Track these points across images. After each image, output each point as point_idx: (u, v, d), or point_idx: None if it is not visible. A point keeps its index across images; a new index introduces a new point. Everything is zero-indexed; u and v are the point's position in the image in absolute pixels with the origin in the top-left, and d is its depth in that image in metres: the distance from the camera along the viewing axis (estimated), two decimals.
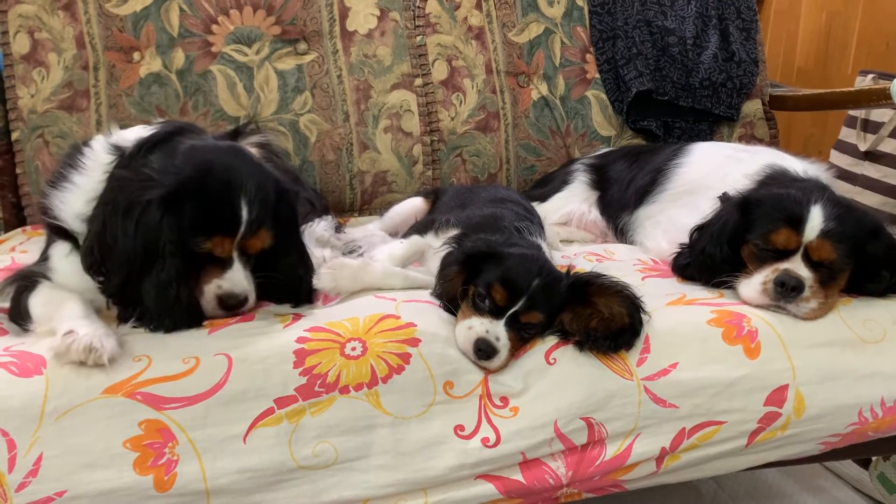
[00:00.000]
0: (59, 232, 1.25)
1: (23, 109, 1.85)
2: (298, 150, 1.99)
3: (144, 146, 1.20)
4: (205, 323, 1.19)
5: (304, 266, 1.31)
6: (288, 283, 1.28)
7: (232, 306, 1.20)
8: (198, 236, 1.14)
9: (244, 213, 1.16)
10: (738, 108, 2.33)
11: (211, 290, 1.18)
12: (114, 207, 1.12)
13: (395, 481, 1.14)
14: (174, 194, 1.12)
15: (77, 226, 1.21)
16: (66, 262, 1.24)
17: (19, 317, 1.20)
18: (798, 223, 1.35)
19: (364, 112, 2.04)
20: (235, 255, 1.19)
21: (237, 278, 1.19)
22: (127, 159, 1.20)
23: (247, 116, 1.95)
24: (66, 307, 1.14)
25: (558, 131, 2.23)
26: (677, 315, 1.32)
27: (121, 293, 1.15)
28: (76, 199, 1.21)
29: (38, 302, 1.19)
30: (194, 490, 1.07)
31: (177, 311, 1.15)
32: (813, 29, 2.85)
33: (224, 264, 1.18)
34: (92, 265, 1.16)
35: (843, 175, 2.29)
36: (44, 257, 1.28)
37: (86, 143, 1.27)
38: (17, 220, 1.88)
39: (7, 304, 1.24)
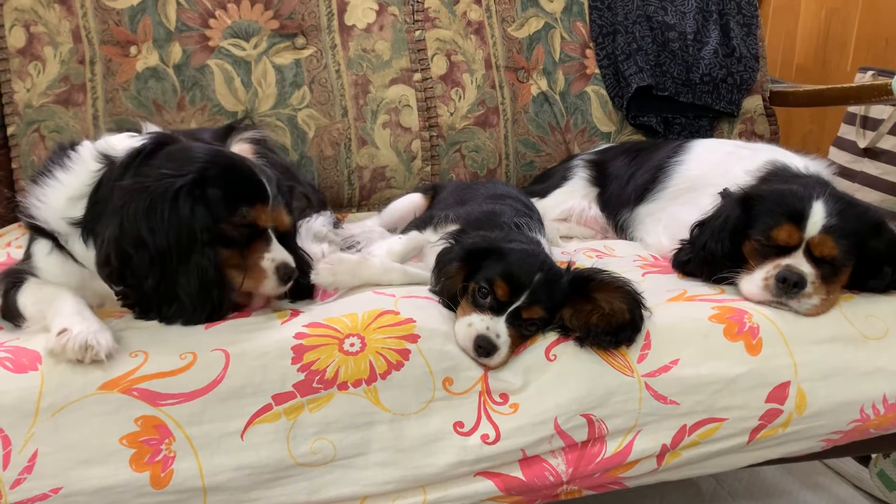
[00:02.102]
0: (38, 230, 1.23)
1: (18, 104, 1.83)
2: (296, 145, 1.98)
3: (139, 155, 1.19)
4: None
5: (302, 259, 1.31)
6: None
7: (289, 278, 1.21)
8: (241, 208, 1.15)
9: (268, 186, 1.19)
10: (738, 104, 2.32)
11: (268, 266, 1.19)
12: (132, 210, 1.10)
13: (393, 478, 1.13)
14: (200, 180, 1.13)
15: (57, 225, 1.20)
16: (47, 260, 1.23)
17: (11, 316, 1.19)
18: (800, 219, 1.35)
19: (362, 107, 2.03)
20: (270, 228, 1.20)
21: (281, 249, 1.21)
22: (121, 168, 1.18)
23: (244, 112, 1.93)
24: (58, 304, 1.13)
25: (558, 127, 2.22)
26: (678, 311, 1.31)
27: (154, 294, 1.13)
28: (58, 199, 1.20)
29: (28, 301, 1.17)
30: (191, 487, 1.06)
31: (217, 300, 1.15)
32: (812, 26, 2.84)
33: (266, 239, 1.20)
34: (110, 274, 1.14)
35: (843, 172, 2.28)
36: (26, 256, 1.27)
37: (72, 147, 1.25)
38: (12, 215, 1.86)
39: None
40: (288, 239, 1.26)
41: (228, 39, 1.95)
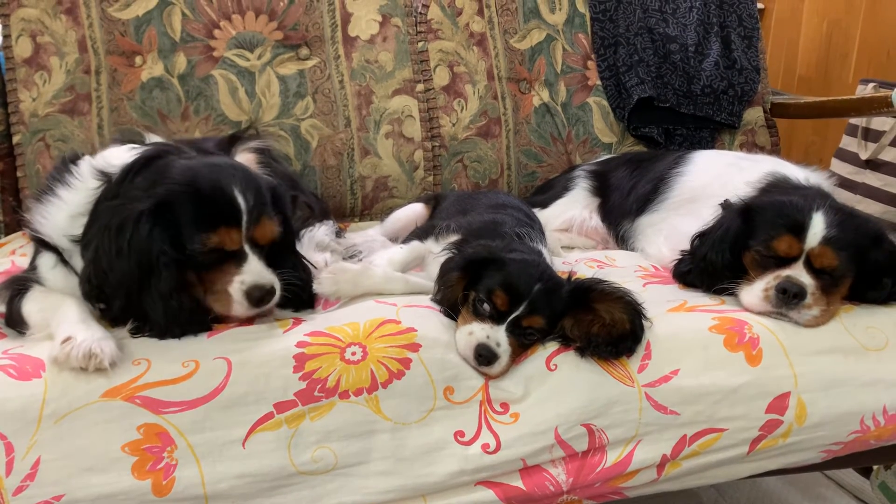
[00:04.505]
0: (42, 243, 1.24)
1: (24, 113, 1.85)
2: (300, 155, 2.00)
3: (130, 172, 1.19)
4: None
5: (304, 268, 1.31)
6: (292, 285, 1.27)
7: (261, 299, 1.17)
8: (201, 233, 1.13)
9: (241, 202, 1.15)
10: (739, 116, 2.33)
11: (236, 288, 1.16)
12: (106, 232, 1.12)
13: (394, 487, 1.14)
14: (162, 204, 1.12)
15: (60, 241, 1.21)
16: (52, 273, 1.23)
17: (15, 323, 1.19)
18: (800, 230, 1.35)
19: (365, 117, 2.04)
20: (247, 247, 1.18)
21: (256, 269, 1.17)
22: (115, 186, 1.19)
23: (248, 121, 1.95)
24: (62, 312, 1.13)
25: (560, 138, 2.23)
26: (679, 321, 1.31)
27: (124, 315, 1.14)
28: (60, 215, 1.21)
29: (33, 308, 1.18)
30: (193, 495, 1.06)
31: (183, 319, 1.14)
32: (814, 37, 2.86)
33: (239, 259, 1.17)
34: (90, 293, 1.15)
35: (844, 183, 2.29)
36: (32, 266, 1.27)
37: (73, 162, 1.26)
38: (17, 223, 1.87)
39: (3, 310, 1.23)
40: (281, 250, 1.25)
41: (233, 50, 1.96)
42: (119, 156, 1.25)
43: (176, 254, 1.12)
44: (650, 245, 1.75)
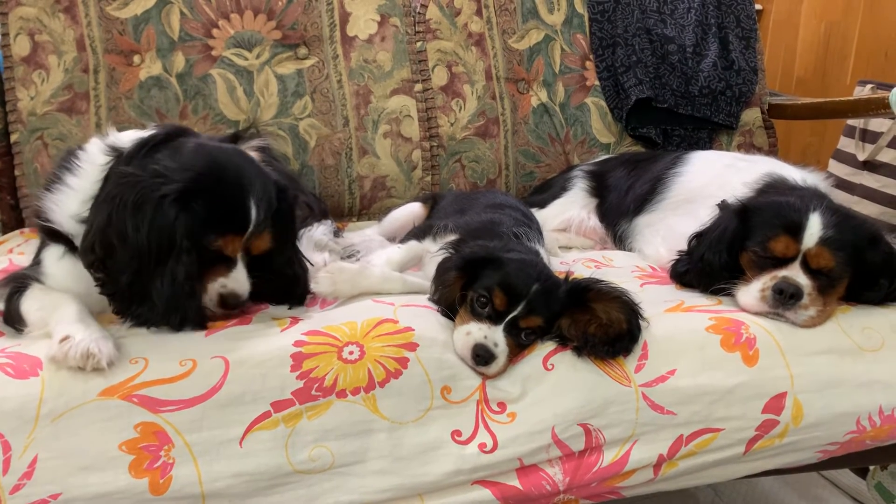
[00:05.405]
0: (52, 235, 1.24)
1: (22, 111, 1.85)
2: (298, 154, 2.00)
3: (146, 146, 1.20)
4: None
5: (300, 266, 1.31)
6: (283, 282, 1.28)
7: (233, 305, 1.20)
8: (210, 234, 1.15)
9: (253, 213, 1.17)
10: (737, 117, 2.34)
11: (214, 288, 1.19)
12: (121, 203, 1.11)
13: (391, 486, 1.14)
14: (188, 191, 1.12)
15: (71, 227, 1.21)
16: (58, 265, 1.23)
17: (14, 321, 1.19)
18: (797, 231, 1.36)
19: (364, 117, 2.04)
20: (240, 255, 1.19)
21: (241, 278, 1.20)
22: (127, 159, 1.19)
23: (246, 121, 1.95)
24: (61, 311, 1.13)
25: (558, 138, 2.23)
26: (675, 322, 1.32)
27: (127, 291, 1.14)
28: (71, 201, 1.21)
29: (32, 307, 1.18)
30: (190, 494, 1.06)
31: (188, 309, 1.15)
32: (812, 39, 2.86)
33: (229, 264, 1.19)
34: (93, 262, 1.14)
35: (842, 184, 2.29)
36: (36, 261, 1.27)
37: (80, 147, 1.26)
38: (15, 222, 1.88)
39: (2, 307, 1.23)
40: (273, 255, 1.25)
41: (231, 49, 1.96)
42: (131, 134, 1.25)
43: (193, 242, 1.13)
44: (648, 245, 1.75)
